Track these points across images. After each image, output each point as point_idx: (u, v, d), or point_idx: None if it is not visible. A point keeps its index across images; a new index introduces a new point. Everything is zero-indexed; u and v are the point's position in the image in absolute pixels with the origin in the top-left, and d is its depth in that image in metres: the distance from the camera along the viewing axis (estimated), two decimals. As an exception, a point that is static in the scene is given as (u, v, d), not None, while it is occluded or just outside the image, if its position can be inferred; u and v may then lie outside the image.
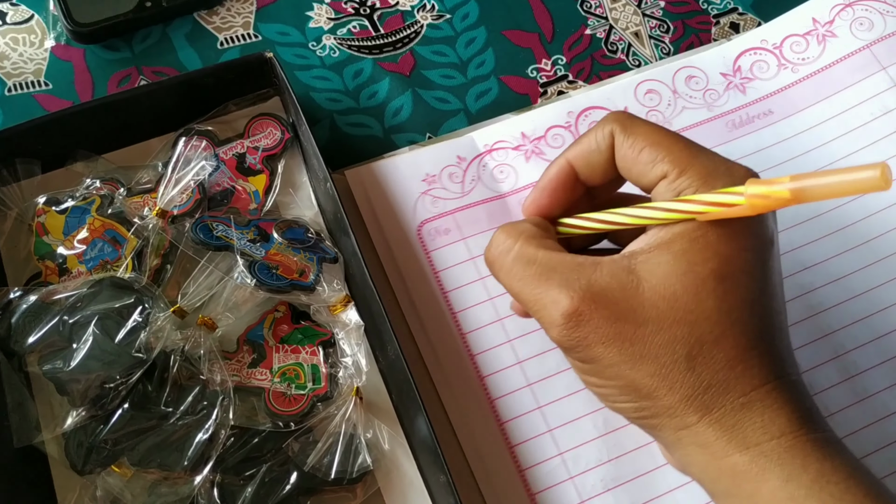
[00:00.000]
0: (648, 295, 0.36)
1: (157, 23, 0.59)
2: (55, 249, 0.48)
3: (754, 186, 0.32)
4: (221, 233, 0.47)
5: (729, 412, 0.35)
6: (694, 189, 0.36)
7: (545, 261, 0.38)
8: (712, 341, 0.35)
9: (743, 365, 0.35)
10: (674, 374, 0.36)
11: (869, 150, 0.56)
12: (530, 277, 0.38)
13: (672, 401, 0.36)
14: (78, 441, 0.44)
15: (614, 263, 0.37)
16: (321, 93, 0.58)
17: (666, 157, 0.37)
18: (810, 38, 0.60)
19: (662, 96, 0.58)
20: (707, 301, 0.35)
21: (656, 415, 0.37)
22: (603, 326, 0.36)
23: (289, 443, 0.46)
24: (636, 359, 0.36)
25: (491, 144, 0.55)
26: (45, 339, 0.45)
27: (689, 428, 0.36)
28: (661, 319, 0.36)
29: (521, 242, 0.39)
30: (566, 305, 0.36)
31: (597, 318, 0.36)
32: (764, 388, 0.35)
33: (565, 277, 0.37)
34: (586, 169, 0.41)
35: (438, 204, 0.53)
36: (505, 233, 0.40)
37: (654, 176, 0.38)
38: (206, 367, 0.46)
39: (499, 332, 0.50)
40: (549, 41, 0.61)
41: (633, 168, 0.39)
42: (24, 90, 0.56)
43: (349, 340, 0.48)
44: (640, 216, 0.37)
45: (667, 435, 0.37)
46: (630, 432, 0.48)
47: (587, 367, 0.38)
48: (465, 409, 0.48)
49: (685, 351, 0.35)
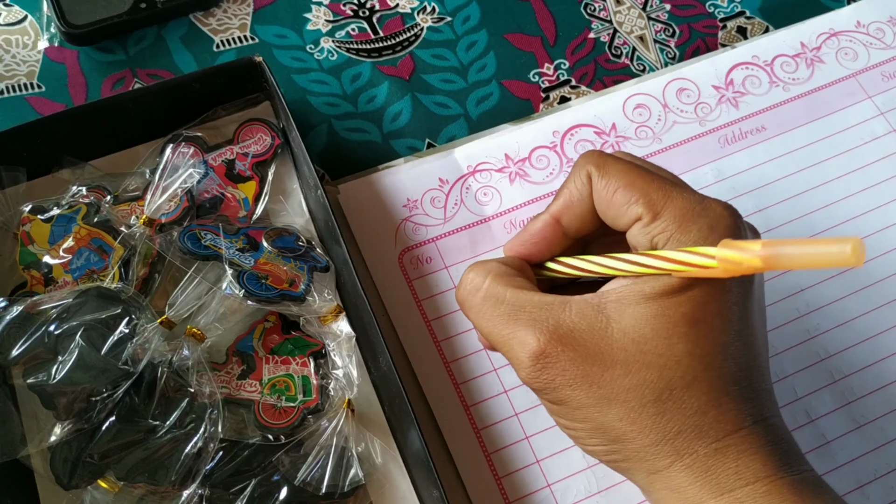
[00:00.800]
0: (617, 336, 0.35)
1: (152, 24, 0.58)
2: (41, 259, 0.47)
3: (726, 251, 0.32)
4: (210, 242, 0.46)
5: (701, 458, 0.34)
6: (668, 235, 0.35)
7: (513, 300, 0.38)
8: (683, 386, 0.34)
9: (716, 410, 0.34)
10: (643, 419, 0.35)
11: (859, 173, 0.55)
12: (499, 317, 0.38)
13: (641, 445, 0.35)
14: (63, 455, 0.43)
15: (584, 303, 0.36)
16: (318, 97, 0.57)
17: (640, 198, 0.37)
18: (799, 61, 0.59)
19: (652, 111, 0.56)
20: (678, 345, 0.34)
21: (627, 458, 0.36)
22: (570, 368, 0.35)
23: (279, 456, 0.45)
24: (604, 402, 0.35)
25: (474, 166, 0.54)
26: (30, 350, 0.44)
27: (660, 472, 0.35)
28: (629, 362, 0.35)
29: (490, 281, 0.39)
30: (533, 347, 0.36)
31: (564, 360, 0.35)
32: (738, 433, 0.34)
33: (533, 318, 0.36)
34: (574, 221, 0.40)
35: (420, 231, 0.52)
36: (474, 272, 0.40)
37: (628, 219, 0.37)
38: (194, 379, 0.45)
39: (484, 361, 0.49)
40: (552, 45, 0.60)
41: (608, 211, 0.38)
42: (17, 93, 0.55)
43: (340, 352, 0.47)
44: (613, 267, 0.37)
45: (639, 478, 0.37)
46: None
47: (557, 408, 0.38)
48: (455, 434, 0.47)
49: (654, 396, 0.35)
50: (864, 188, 0.54)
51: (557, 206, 0.41)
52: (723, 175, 0.54)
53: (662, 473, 0.35)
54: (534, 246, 0.41)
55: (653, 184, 0.37)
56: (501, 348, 0.38)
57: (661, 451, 0.35)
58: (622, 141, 0.54)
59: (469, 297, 0.40)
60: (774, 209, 0.53)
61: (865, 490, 0.46)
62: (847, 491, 0.46)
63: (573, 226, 0.40)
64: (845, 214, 0.54)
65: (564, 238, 0.41)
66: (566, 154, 0.54)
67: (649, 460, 0.35)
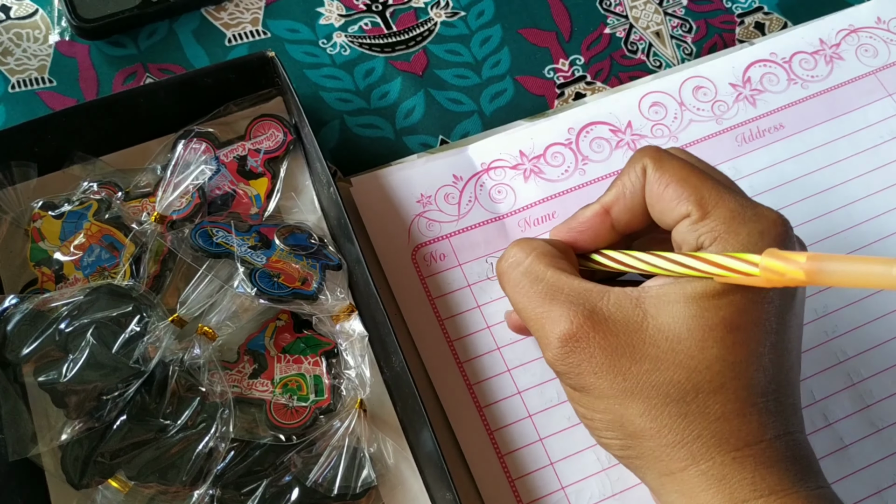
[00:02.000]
0: (652, 332, 0.35)
1: (164, 19, 0.57)
2: (51, 255, 0.47)
3: (771, 260, 0.31)
4: (221, 239, 0.46)
5: (718, 465, 0.34)
6: (716, 235, 0.35)
7: (553, 280, 0.37)
8: (710, 391, 0.34)
9: (739, 420, 0.34)
10: (664, 418, 0.34)
11: (881, 171, 0.54)
12: (535, 294, 0.37)
13: (658, 444, 0.35)
14: (74, 454, 0.43)
15: (623, 295, 0.36)
16: (331, 92, 0.56)
17: (691, 196, 0.36)
18: (818, 58, 0.58)
19: (668, 109, 0.55)
20: (711, 349, 0.34)
21: (641, 456, 0.36)
22: (598, 356, 0.35)
23: (290, 457, 0.44)
24: (627, 394, 0.35)
25: (489, 163, 0.53)
26: (41, 348, 0.43)
27: (673, 475, 0.35)
28: (659, 359, 0.34)
29: (533, 258, 0.39)
30: (565, 328, 0.36)
31: (594, 346, 0.35)
32: (759, 445, 0.34)
33: (570, 300, 0.36)
34: (624, 214, 0.40)
35: (433, 227, 0.51)
36: (518, 247, 0.40)
37: (676, 215, 0.37)
38: (205, 378, 0.44)
39: (498, 361, 0.48)
40: (567, 40, 0.59)
41: (657, 205, 0.38)
42: (28, 87, 0.55)
43: (353, 351, 0.46)
44: (656, 265, 0.36)
45: (651, 478, 0.36)
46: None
47: (577, 395, 0.37)
48: (468, 435, 0.46)
49: (679, 396, 0.34)
50: (885, 187, 0.54)
51: (609, 196, 0.40)
52: (740, 174, 0.53)
53: (676, 476, 0.35)
54: (580, 234, 0.41)
55: (706, 183, 0.36)
56: (532, 325, 0.38)
57: (677, 454, 0.34)
58: (638, 139, 0.54)
59: (509, 270, 0.39)
60: (793, 208, 0.52)
61: (884, 495, 0.46)
62: (865, 496, 0.46)
63: (622, 219, 0.40)
64: (865, 214, 0.53)
65: (612, 231, 0.41)
66: (581, 151, 0.53)
67: (664, 461, 0.35)
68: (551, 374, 0.47)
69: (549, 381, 0.48)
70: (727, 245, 0.35)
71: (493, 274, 0.50)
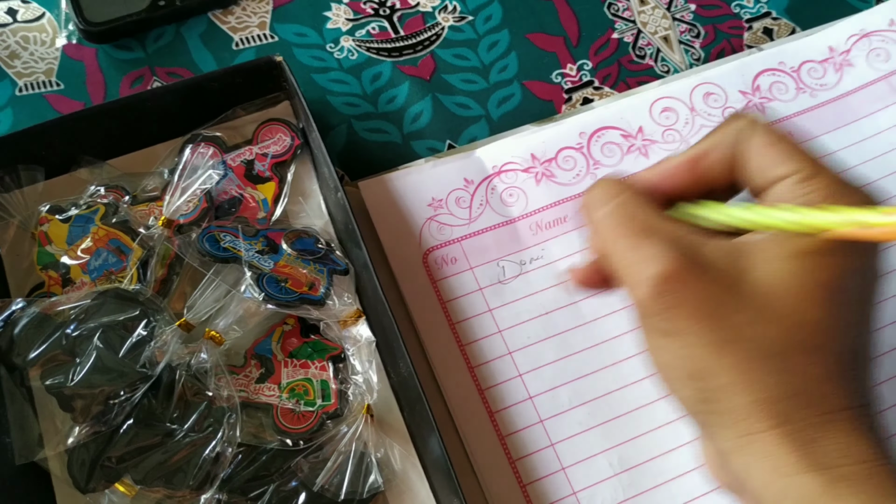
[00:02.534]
0: (751, 286, 0.33)
1: (171, 22, 0.57)
2: (58, 259, 0.47)
3: None
4: (229, 244, 0.46)
5: (809, 426, 0.32)
6: (827, 193, 0.34)
7: (649, 219, 0.35)
8: (809, 349, 0.33)
9: (833, 383, 0.33)
10: (756, 373, 0.33)
11: (891, 178, 0.54)
12: (629, 230, 0.35)
13: (744, 400, 0.33)
14: (81, 459, 0.43)
15: (726, 243, 0.34)
16: (338, 97, 0.56)
17: (796, 156, 0.35)
18: (827, 66, 0.58)
19: (679, 114, 0.55)
20: (812, 309, 0.33)
21: (719, 412, 0.34)
22: (695, 301, 0.33)
23: (297, 461, 0.44)
24: (722, 343, 0.33)
25: (500, 166, 0.53)
26: (48, 352, 0.43)
27: (754, 434, 0.33)
28: (761, 311, 0.33)
29: (629, 195, 0.37)
30: (665, 265, 0.33)
31: (693, 290, 0.33)
32: (849, 411, 0.33)
33: (670, 239, 0.34)
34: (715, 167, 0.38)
35: (445, 231, 0.51)
36: (612, 181, 0.37)
37: (778, 173, 0.35)
38: (212, 383, 0.44)
39: (509, 366, 0.48)
40: (575, 45, 0.59)
41: (754, 160, 0.36)
42: (36, 90, 0.55)
43: (360, 356, 0.46)
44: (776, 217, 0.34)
45: (724, 437, 0.34)
46: (647, 471, 0.46)
47: (664, 340, 0.35)
48: (477, 440, 0.46)
49: (777, 350, 0.33)
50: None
51: (701, 147, 0.38)
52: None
53: (756, 436, 0.33)
54: (664, 181, 0.39)
55: (809, 151, 0.35)
56: (622, 262, 0.36)
57: (763, 412, 0.33)
58: (649, 144, 0.54)
59: (599, 202, 0.37)
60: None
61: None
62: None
63: (709, 174, 0.38)
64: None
65: (695, 184, 0.38)
66: (593, 156, 0.53)
67: (745, 419, 0.33)
68: (563, 378, 0.47)
69: (561, 385, 0.48)
70: (839, 203, 0.33)
71: (504, 277, 0.50)
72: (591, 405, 0.47)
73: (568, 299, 0.49)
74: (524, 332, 0.48)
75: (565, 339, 0.48)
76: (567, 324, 0.49)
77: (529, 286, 0.50)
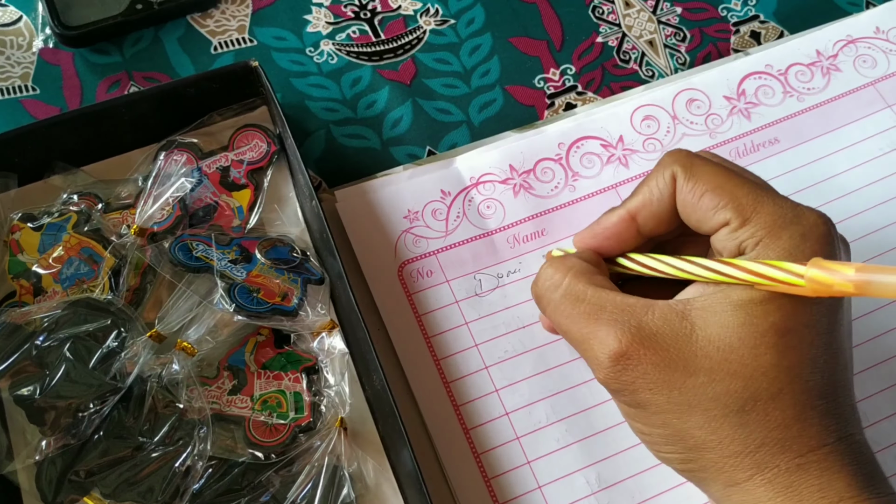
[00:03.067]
0: (702, 344, 0.34)
1: (149, 26, 0.57)
2: (30, 268, 0.46)
3: (816, 271, 0.31)
4: (201, 253, 0.45)
5: (783, 472, 0.33)
6: (757, 240, 0.34)
7: (594, 299, 0.37)
8: (768, 398, 0.33)
9: (801, 424, 0.33)
10: (724, 429, 0.34)
11: (878, 185, 0.53)
12: (578, 315, 0.37)
13: (721, 455, 0.34)
14: (49, 472, 0.42)
15: (668, 308, 0.35)
16: (317, 101, 0.55)
17: (729, 203, 0.35)
18: (815, 70, 0.57)
19: (661, 122, 0.54)
20: (765, 355, 0.33)
21: (704, 468, 0.35)
22: (652, 372, 0.34)
23: (269, 475, 0.44)
24: (684, 408, 0.34)
25: (478, 177, 0.52)
26: (17, 363, 0.43)
27: (738, 485, 0.34)
28: (713, 370, 0.34)
29: (570, 278, 0.38)
30: (614, 347, 0.35)
31: (646, 363, 0.35)
32: (822, 449, 0.33)
33: (615, 318, 0.36)
34: (651, 221, 0.39)
35: (420, 244, 0.50)
36: (553, 267, 0.39)
37: (715, 223, 0.36)
38: (184, 395, 0.44)
39: (485, 381, 0.47)
40: (559, 49, 0.58)
41: (693, 214, 0.37)
42: (11, 95, 0.54)
43: (334, 368, 0.45)
44: (692, 273, 0.36)
45: (714, 490, 0.36)
46: (626, 489, 0.45)
47: (633, 411, 0.37)
48: (452, 457, 0.45)
49: (737, 406, 0.33)
50: (884, 200, 0.53)
51: (635, 203, 0.39)
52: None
53: (741, 486, 0.34)
54: (605, 240, 0.40)
55: (742, 188, 0.36)
56: (579, 346, 0.37)
57: (741, 463, 0.34)
58: (629, 154, 0.53)
59: (547, 294, 0.39)
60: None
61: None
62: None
63: (649, 225, 0.39)
64: (864, 228, 0.52)
65: (638, 236, 0.40)
66: (571, 167, 0.52)
67: (728, 472, 0.34)
68: (540, 393, 0.47)
69: (538, 401, 0.47)
70: (769, 250, 0.34)
71: (481, 290, 0.49)
72: (569, 421, 0.46)
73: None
74: (501, 345, 0.48)
75: (543, 353, 0.48)
76: (545, 337, 0.48)
77: (506, 299, 0.49)
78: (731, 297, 0.34)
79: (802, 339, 0.34)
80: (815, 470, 0.33)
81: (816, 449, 0.33)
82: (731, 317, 0.34)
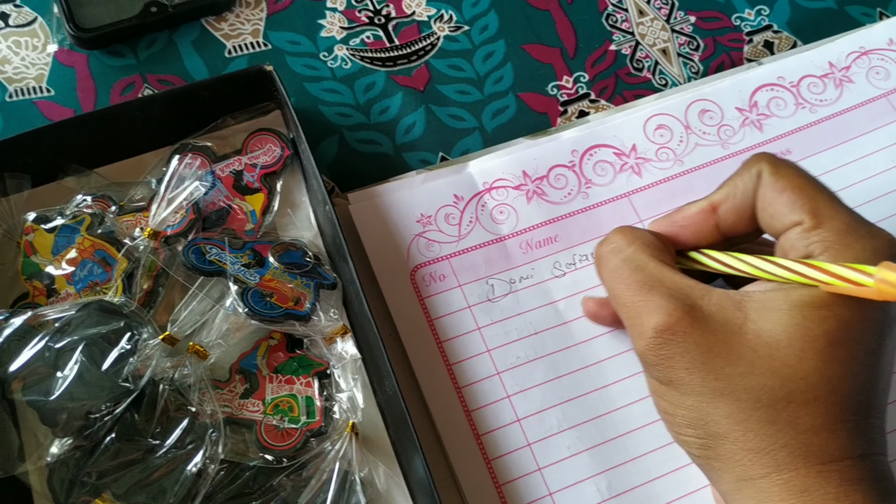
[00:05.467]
0: (750, 336, 0.34)
1: (163, 28, 0.57)
2: (43, 269, 0.46)
3: (887, 271, 0.31)
4: (214, 257, 0.45)
5: (801, 476, 0.33)
6: (827, 245, 0.35)
7: (655, 272, 0.37)
8: (802, 402, 0.34)
9: (829, 434, 0.34)
10: (751, 422, 0.34)
11: (891, 197, 0.53)
12: (635, 282, 0.37)
13: (741, 448, 0.34)
14: (61, 473, 0.42)
15: (725, 296, 0.36)
16: (331, 107, 0.55)
17: (806, 204, 0.36)
18: (827, 81, 0.57)
19: (674, 132, 0.54)
20: (810, 360, 0.34)
21: (720, 457, 0.35)
22: (693, 351, 0.35)
23: (280, 479, 0.44)
24: (717, 395, 0.35)
25: (491, 183, 0.52)
26: (30, 365, 0.43)
27: (751, 481, 0.34)
28: (755, 364, 0.34)
29: (637, 247, 0.39)
30: (662, 319, 0.35)
31: (690, 342, 0.35)
32: (845, 461, 0.33)
33: (671, 293, 0.36)
34: (731, 215, 0.39)
35: (433, 248, 0.50)
36: (622, 233, 0.40)
37: (788, 221, 0.36)
38: (196, 398, 0.44)
39: (497, 386, 0.47)
40: (572, 57, 0.58)
41: (769, 209, 0.37)
42: (26, 96, 0.54)
43: (346, 374, 0.45)
44: (764, 269, 0.36)
45: (725, 482, 0.36)
46: (636, 498, 0.45)
47: (663, 388, 0.37)
48: (464, 463, 0.45)
49: (770, 402, 0.34)
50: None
51: (719, 195, 0.40)
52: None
53: (754, 482, 0.34)
54: (682, 229, 0.41)
55: (823, 194, 0.36)
56: (627, 313, 0.38)
57: (759, 460, 0.34)
58: (643, 162, 0.53)
59: (610, 255, 0.39)
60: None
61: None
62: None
63: (728, 220, 0.40)
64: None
65: (715, 230, 0.40)
66: (585, 174, 0.52)
67: (743, 465, 0.35)
68: (552, 400, 0.47)
69: (549, 408, 0.47)
70: (839, 256, 0.34)
71: (493, 295, 0.49)
72: (580, 429, 0.46)
73: (558, 320, 0.49)
74: (513, 351, 0.48)
75: (554, 360, 0.48)
76: (557, 345, 0.48)
77: (519, 305, 0.49)
78: (791, 297, 0.34)
79: (849, 353, 0.34)
80: (835, 480, 0.33)
81: (839, 460, 0.33)
82: (787, 316, 0.34)
